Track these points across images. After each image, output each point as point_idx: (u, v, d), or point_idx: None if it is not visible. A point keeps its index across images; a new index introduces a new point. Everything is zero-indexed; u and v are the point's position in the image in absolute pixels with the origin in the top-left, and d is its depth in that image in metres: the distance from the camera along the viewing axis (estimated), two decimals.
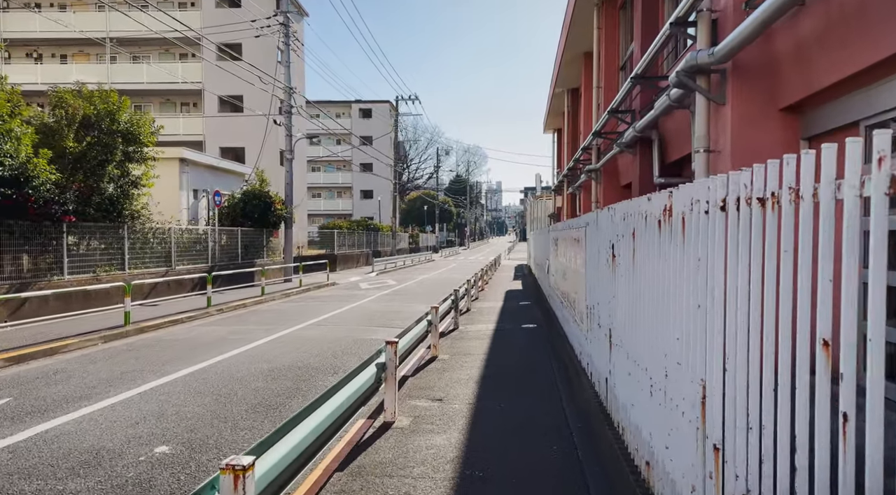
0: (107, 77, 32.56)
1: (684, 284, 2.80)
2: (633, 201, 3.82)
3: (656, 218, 3.27)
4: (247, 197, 22.04)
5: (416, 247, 56.22)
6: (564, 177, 19.81)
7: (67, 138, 12.41)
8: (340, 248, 32.68)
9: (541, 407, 6.03)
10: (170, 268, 16.85)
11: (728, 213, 2.32)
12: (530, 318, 12.99)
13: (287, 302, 17.17)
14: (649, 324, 3.42)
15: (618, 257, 4.32)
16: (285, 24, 23.71)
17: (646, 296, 3.50)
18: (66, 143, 12.35)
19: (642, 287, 3.57)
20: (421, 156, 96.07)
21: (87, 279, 13.37)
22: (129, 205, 14.50)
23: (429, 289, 20.78)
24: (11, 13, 32.57)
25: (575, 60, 17.85)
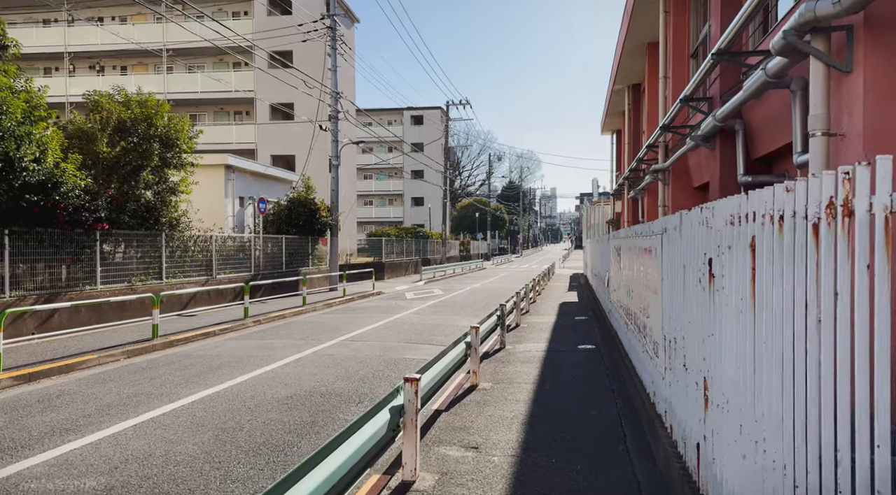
0: (163, 87, 33.17)
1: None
2: (752, 195, 2.57)
3: (810, 219, 2.02)
4: (292, 204, 21.53)
5: (467, 255, 55.14)
6: (625, 179, 18.28)
7: (101, 143, 12.02)
8: (388, 256, 31.97)
9: (604, 470, 4.75)
10: (210, 276, 16.38)
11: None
12: (587, 337, 11.61)
13: (327, 313, 16.38)
14: (797, 399, 2.16)
15: (720, 278, 3.06)
16: (332, 27, 23.20)
17: (780, 349, 2.24)
18: (98, 148, 11.96)
19: (772, 330, 2.31)
20: (473, 163, 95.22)
21: (122, 289, 12.93)
22: (166, 212, 14.04)
23: (476, 300, 19.61)
24: (76, 27, 33.67)
25: (637, 52, 16.37)
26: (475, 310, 16.85)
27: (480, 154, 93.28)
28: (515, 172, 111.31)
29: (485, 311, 16.16)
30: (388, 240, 31.54)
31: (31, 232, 10.53)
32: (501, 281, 30.10)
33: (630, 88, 20.26)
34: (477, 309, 17.07)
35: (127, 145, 12.63)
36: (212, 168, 20.13)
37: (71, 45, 33.22)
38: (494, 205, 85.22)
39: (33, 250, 10.74)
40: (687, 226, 3.91)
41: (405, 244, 34.96)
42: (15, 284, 10.50)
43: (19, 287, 10.53)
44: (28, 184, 9.87)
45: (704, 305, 3.37)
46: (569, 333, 12.22)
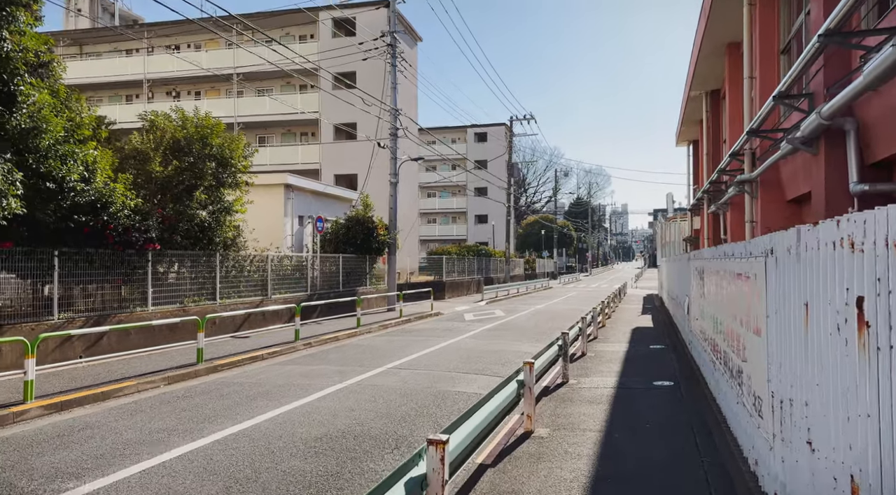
0: (233, 110, 34.17)
1: None
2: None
3: None
4: (350, 222, 21.21)
5: (533, 274, 53.64)
6: (704, 193, 16.71)
7: (154, 162, 11.94)
8: (449, 275, 31.21)
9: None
10: (265, 297, 16.11)
11: None
12: (665, 372, 10.26)
13: (381, 335, 15.70)
14: None
15: (882, 331, 1.98)
16: (392, 44, 22.94)
17: None
18: (151, 168, 11.88)
19: None
20: (539, 179, 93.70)
21: (174, 310, 12.74)
22: (221, 231, 13.85)
23: (539, 323, 18.41)
24: (155, 55, 35.36)
25: (715, 54, 14.94)
26: (537, 334, 15.70)
27: (546, 170, 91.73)
28: (583, 188, 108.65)
29: (548, 336, 15.00)
30: (448, 259, 30.82)
31: (80, 253, 10.44)
32: (568, 302, 28.64)
33: (707, 95, 18.69)
34: (539, 333, 15.91)
35: (181, 164, 12.53)
36: (271, 187, 20.13)
37: (150, 72, 34.90)
38: (561, 222, 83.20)
39: (83, 271, 10.65)
40: (810, 247, 2.82)
41: (467, 262, 34.13)
42: (64, 306, 10.40)
43: (68, 309, 10.43)
44: (77, 204, 9.76)
45: (849, 366, 2.28)
46: (643, 366, 10.90)
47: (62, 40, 36.03)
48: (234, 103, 34.31)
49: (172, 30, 35.08)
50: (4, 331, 9.18)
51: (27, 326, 9.56)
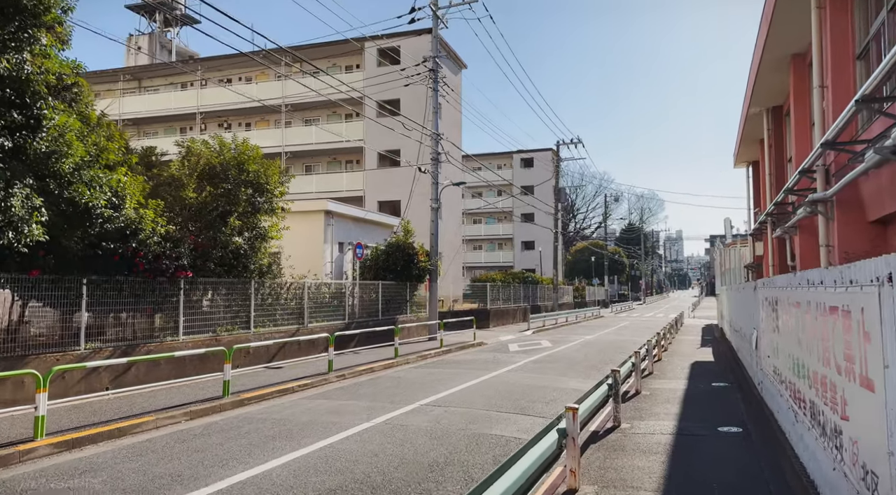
0: (282, 140, 34.73)
1: None
2: None
3: None
4: (390, 249, 20.75)
5: (583, 302, 51.95)
6: (767, 216, 15.40)
7: (187, 189, 11.78)
8: (494, 303, 30.28)
9: None
10: (301, 325, 15.68)
11: None
12: (731, 414, 9.10)
13: (418, 367, 14.96)
14: None
15: None
16: (433, 69, 22.72)
17: None
18: (185, 194, 11.70)
19: None
20: (588, 205, 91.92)
21: (206, 340, 12.40)
22: (256, 258, 13.55)
23: (589, 356, 17.27)
24: (207, 88, 36.50)
25: (779, 67, 13.84)
26: (586, 368, 14.63)
27: (596, 195, 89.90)
28: (635, 214, 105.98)
29: (597, 371, 13.92)
30: (493, 286, 29.94)
31: (109, 281, 10.23)
32: (620, 332, 27.21)
33: (769, 112, 17.44)
34: (589, 367, 14.83)
35: (215, 190, 12.34)
36: (311, 214, 19.94)
37: (203, 105, 36.01)
38: (612, 248, 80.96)
39: (112, 300, 10.42)
40: None
41: (512, 290, 33.14)
42: (92, 335, 10.16)
43: (96, 338, 10.18)
44: (106, 231, 9.56)
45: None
46: (705, 407, 9.75)
47: (122, 76, 37.76)
48: (282, 133, 34.89)
49: (225, 63, 36.21)
50: (28, 361, 8.96)
51: (52, 357, 9.33)
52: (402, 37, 32.60)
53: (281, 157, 34.67)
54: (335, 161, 36.12)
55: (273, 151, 34.78)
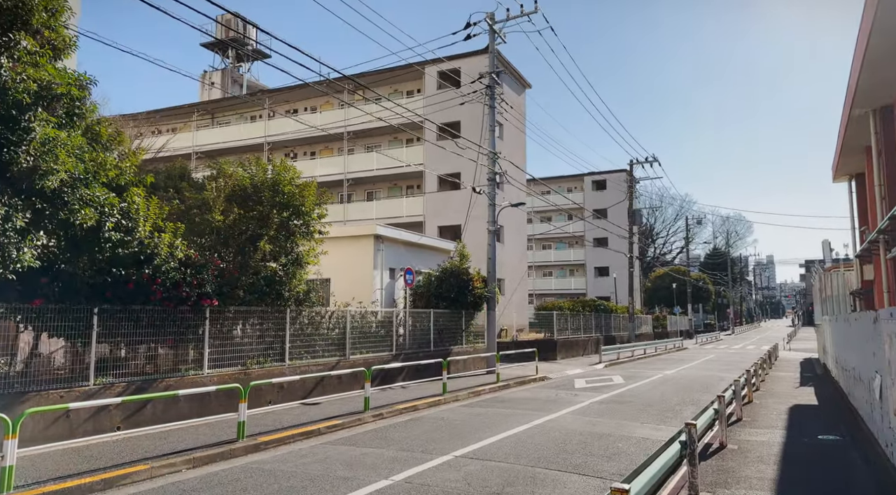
0: (344, 167, 34.69)
1: None
2: None
3: None
4: (444, 275, 19.51)
5: (664, 332, 48.44)
6: (879, 234, 12.96)
7: (214, 211, 11.09)
8: (561, 333, 28.25)
9: None
10: (343, 357, 14.64)
11: None
12: (849, 487, 7.04)
13: (467, 405, 13.48)
14: None
15: None
16: (490, 85, 21.64)
17: None
18: (211, 216, 11.02)
19: None
20: (668, 229, 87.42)
21: (234, 374, 11.54)
22: (291, 285, 12.69)
23: (666, 395, 15.14)
24: (273, 120, 37.25)
25: (889, 55, 11.65)
26: (662, 411, 12.63)
27: (677, 219, 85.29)
28: (720, 237, 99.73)
29: (674, 415, 11.93)
30: (560, 315, 27.96)
31: (125, 310, 9.55)
32: (705, 366, 24.48)
33: (877, 113, 14.97)
34: (665, 409, 12.82)
35: (244, 213, 11.61)
36: (360, 239, 19.11)
37: (269, 135, 36.73)
38: (695, 274, 76.06)
39: (129, 331, 9.74)
40: None
41: (582, 319, 30.95)
42: (105, 369, 9.47)
43: (108, 372, 9.48)
44: (117, 256, 8.89)
45: None
46: (813, 472, 7.70)
47: (197, 111, 39.30)
48: (344, 160, 34.88)
49: (291, 95, 36.89)
50: (27, 398, 8.30)
51: (56, 393, 8.66)
52: (463, 58, 31.94)
53: (343, 184, 34.61)
54: (395, 186, 35.67)
55: (336, 179, 34.83)
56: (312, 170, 35.91)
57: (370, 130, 34.10)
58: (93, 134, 8.51)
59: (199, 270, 10.35)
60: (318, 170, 35.72)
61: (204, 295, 10.52)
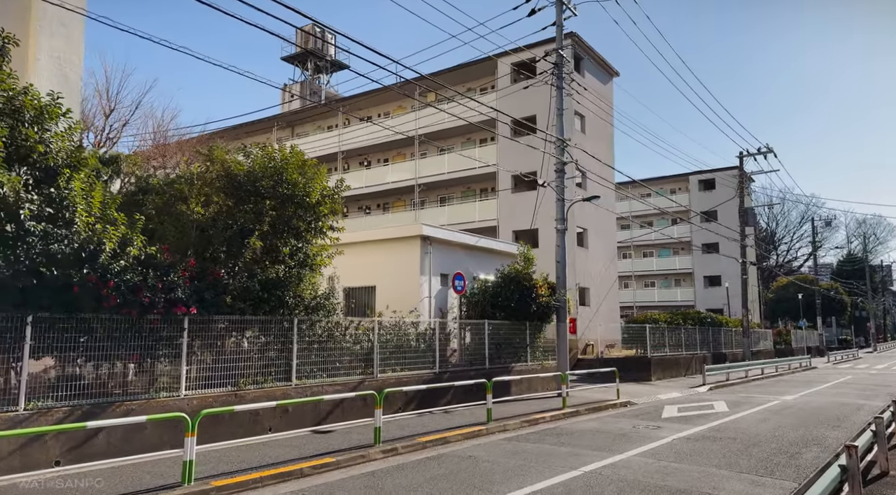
0: (415, 172, 33.12)
1: None
2: None
3: None
4: (503, 280, 16.96)
5: (788, 349, 42.21)
6: None
7: (192, 202, 9.47)
8: (657, 349, 24.47)
9: None
10: (369, 376, 12.56)
11: None
12: None
13: (512, 438, 10.86)
14: None
15: None
16: (558, 63, 18.94)
17: None
18: (188, 208, 9.39)
19: None
20: (792, 234, 78.32)
21: (220, 396, 9.80)
22: (298, 290, 10.85)
23: (781, 431, 11.60)
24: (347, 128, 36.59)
25: None
26: (770, 454, 9.32)
27: (802, 222, 76.12)
28: (856, 242, 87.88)
29: (789, 464, 8.64)
30: (654, 329, 24.24)
31: (70, 319, 8.05)
32: (836, 391, 19.87)
33: None
34: (775, 452, 9.48)
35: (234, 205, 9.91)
36: (403, 241, 17.07)
37: (343, 142, 36.04)
38: (825, 284, 66.94)
39: (76, 344, 8.22)
40: None
41: (684, 334, 26.87)
42: (44, 391, 7.97)
43: (48, 394, 7.97)
44: (49, 253, 7.39)
45: None
46: None
47: (277, 123, 39.60)
48: (415, 165, 33.30)
49: (364, 102, 36.08)
50: None
51: None
52: (539, 46, 29.27)
53: (415, 190, 33.01)
54: (469, 190, 33.52)
55: (408, 185, 33.32)
56: (384, 178, 34.75)
57: (442, 132, 32.34)
58: (13, 107, 7.10)
59: (166, 271, 8.70)
60: (389, 177, 34.48)
61: (175, 301, 8.85)
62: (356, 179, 35.87)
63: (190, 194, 9.63)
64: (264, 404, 9.39)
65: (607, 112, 32.15)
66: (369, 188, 34.94)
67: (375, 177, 34.91)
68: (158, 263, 8.66)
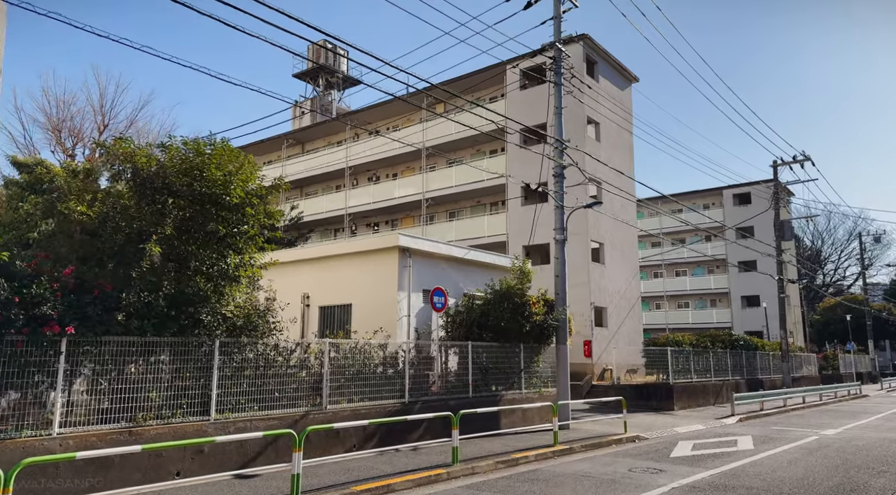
0: (422, 186, 31.59)
1: None
2: None
3: None
4: (495, 297, 15.02)
5: (836, 375, 38.61)
6: None
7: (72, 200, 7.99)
8: (682, 375, 21.95)
9: None
10: (316, 407, 10.76)
11: None
12: None
13: (477, 484, 8.86)
14: None
15: None
16: (556, 58, 17.18)
17: None
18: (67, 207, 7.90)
19: None
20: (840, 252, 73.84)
21: (108, 434, 8.15)
22: (219, 306, 9.21)
23: (812, 475, 9.28)
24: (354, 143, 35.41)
25: None
26: None
27: (850, 240, 71.67)
28: None
29: None
30: (676, 353, 21.75)
31: None
32: (888, 425, 17.05)
33: None
34: None
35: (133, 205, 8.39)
36: (380, 254, 15.32)
37: (351, 157, 34.85)
38: (878, 304, 62.28)
39: None
40: None
41: (713, 358, 24.22)
42: None
43: None
44: None
45: None
46: None
47: (286, 141, 38.76)
48: (423, 178, 31.74)
49: (372, 115, 34.95)
50: None
51: None
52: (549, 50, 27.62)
53: (422, 204, 31.41)
54: (479, 205, 31.72)
55: (416, 199, 31.77)
56: (391, 193, 33.29)
57: (451, 144, 30.82)
58: None
59: (25, 283, 7.17)
60: (396, 192, 33.00)
61: (41, 318, 7.30)
62: (364, 195, 34.55)
63: (70, 191, 8.16)
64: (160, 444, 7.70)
65: (626, 119, 30.10)
66: (376, 204, 33.51)
67: (383, 193, 33.47)
68: (16, 272, 7.15)
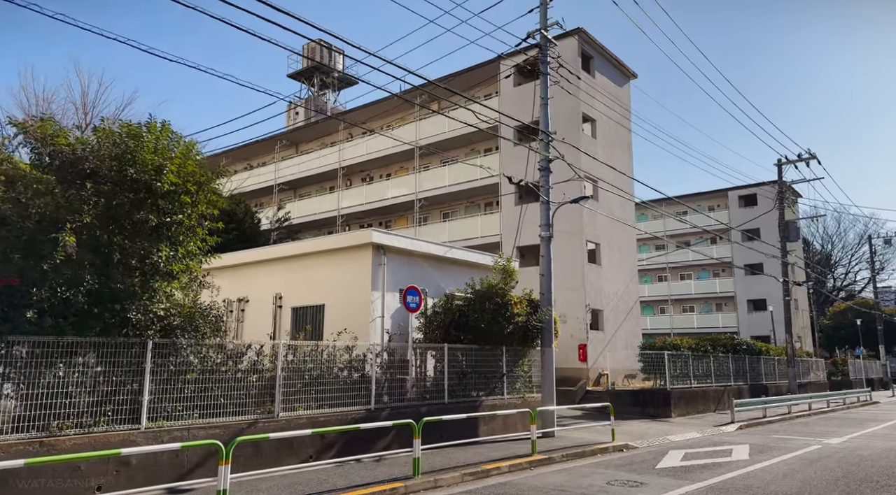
0: (415, 186, 30.79)
1: None
2: None
3: None
4: (475, 297, 14.13)
5: (845, 381, 37.32)
6: None
7: None
8: (680, 380, 20.92)
9: None
10: (267, 415, 9.89)
11: None
12: None
13: None
14: None
15: None
16: (542, 46, 16.34)
17: None
18: None
19: None
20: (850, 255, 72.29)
21: (13, 445, 7.30)
22: (150, 305, 8.39)
23: (807, 491, 8.31)
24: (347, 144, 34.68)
25: None
26: None
27: (861, 243, 70.17)
28: None
29: None
30: (673, 357, 20.72)
31: None
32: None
33: None
34: None
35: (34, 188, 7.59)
36: (353, 251, 14.45)
37: (344, 159, 34.14)
38: (890, 308, 60.79)
39: None
40: None
41: (714, 363, 23.16)
42: None
43: None
44: None
45: None
46: None
47: (280, 141, 38.08)
48: (415, 179, 30.94)
49: (365, 114, 34.19)
50: None
51: None
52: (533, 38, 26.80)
53: (415, 205, 30.60)
54: (473, 205, 30.88)
55: (409, 200, 30.97)
56: (384, 193, 32.51)
57: (445, 142, 30.06)
58: None
59: None
60: (389, 192, 32.22)
61: None
62: (357, 196, 33.79)
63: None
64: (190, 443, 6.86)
65: (624, 116, 29.16)
66: (369, 204, 32.75)
67: (376, 193, 32.70)
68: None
